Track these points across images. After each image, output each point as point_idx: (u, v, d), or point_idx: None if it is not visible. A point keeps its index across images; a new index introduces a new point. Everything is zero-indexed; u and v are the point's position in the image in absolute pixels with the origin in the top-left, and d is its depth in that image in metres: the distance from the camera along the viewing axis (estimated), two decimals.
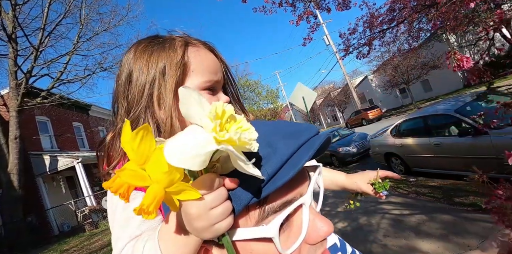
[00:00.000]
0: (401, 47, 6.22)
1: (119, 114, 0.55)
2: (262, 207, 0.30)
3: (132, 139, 0.25)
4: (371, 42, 4.41)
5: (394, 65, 18.51)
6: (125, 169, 0.25)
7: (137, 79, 0.52)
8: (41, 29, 8.48)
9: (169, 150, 0.24)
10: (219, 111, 0.25)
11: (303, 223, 0.32)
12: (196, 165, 0.23)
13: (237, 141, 0.24)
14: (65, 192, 11.92)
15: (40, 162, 10.49)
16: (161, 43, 0.54)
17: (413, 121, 5.15)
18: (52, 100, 8.92)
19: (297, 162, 0.29)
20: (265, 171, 0.28)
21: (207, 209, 0.27)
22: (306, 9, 3.10)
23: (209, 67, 0.55)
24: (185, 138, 0.25)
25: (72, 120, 13.79)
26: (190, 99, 0.27)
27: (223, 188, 0.28)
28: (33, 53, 8.56)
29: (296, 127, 0.36)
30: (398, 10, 4.15)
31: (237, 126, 0.26)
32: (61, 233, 9.95)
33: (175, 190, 0.26)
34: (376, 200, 4.12)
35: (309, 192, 0.34)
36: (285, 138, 0.32)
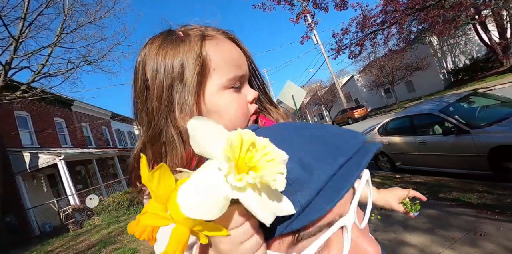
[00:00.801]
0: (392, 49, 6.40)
1: (143, 123, 0.50)
2: (296, 233, 0.27)
3: (149, 180, 0.23)
4: (363, 42, 4.52)
5: (380, 66, 19.06)
6: (146, 213, 0.24)
7: (153, 85, 0.47)
8: (22, 19, 8.01)
9: (182, 200, 0.21)
10: (235, 142, 0.22)
11: (344, 247, 0.28)
12: (212, 214, 0.21)
13: (259, 185, 0.22)
14: (46, 191, 11.46)
15: (20, 159, 10.03)
16: (176, 40, 0.48)
17: (400, 121, 5.35)
18: (32, 95, 8.50)
19: (337, 190, 0.25)
20: (297, 202, 0.25)
21: (237, 244, 0.26)
22: (304, 8, 3.13)
23: (233, 61, 0.49)
24: (198, 182, 0.23)
25: (54, 115, 13.23)
26: (200, 133, 0.24)
27: (251, 220, 0.26)
28: (13, 44, 8.09)
29: (338, 138, 0.30)
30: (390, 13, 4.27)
31: (262, 153, 0.23)
32: (43, 233, 9.59)
33: (200, 229, 0.24)
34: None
35: (352, 210, 0.29)
36: (323, 157, 0.28)
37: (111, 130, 18.96)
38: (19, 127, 10.95)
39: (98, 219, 9.29)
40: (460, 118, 4.01)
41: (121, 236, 5.99)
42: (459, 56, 20.12)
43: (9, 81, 8.34)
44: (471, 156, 3.75)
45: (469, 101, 4.56)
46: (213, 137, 0.24)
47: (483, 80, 15.07)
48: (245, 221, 0.25)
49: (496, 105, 4.29)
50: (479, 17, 12.54)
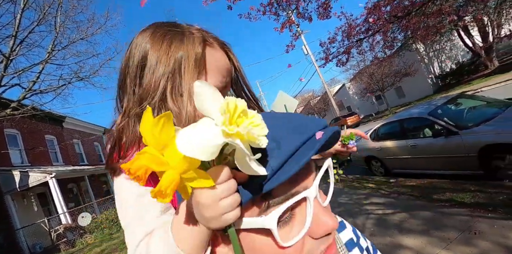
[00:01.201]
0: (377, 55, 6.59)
1: (130, 99, 0.52)
2: (266, 200, 0.31)
3: (154, 125, 0.26)
4: (349, 50, 4.65)
5: (370, 73, 19.55)
6: (145, 153, 0.26)
7: (153, 67, 0.50)
8: (13, 37, 8.06)
9: (181, 139, 0.25)
10: (231, 106, 0.26)
11: (307, 217, 0.32)
12: (205, 155, 0.24)
13: (246, 136, 0.25)
14: (37, 210, 11.10)
15: (9, 178, 9.77)
16: (180, 35, 0.52)
17: (391, 125, 5.42)
18: (23, 112, 8.41)
19: (301, 158, 0.29)
20: (269, 166, 0.29)
21: (217, 199, 0.28)
22: (289, 18, 3.24)
23: (221, 70, 0.54)
24: (196, 129, 0.27)
25: (45, 133, 13.04)
26: (205, 94, 0.29)
27: (233, 180, 0.29)
28: (3, 61, 8.10)
29: (304, 121, 0.36)
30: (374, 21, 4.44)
31: (249, 121, 0.27)
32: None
33: (190, 177, 0.27)
34: (360, 202, 4.23)
35: (315, 185, 0.33)
36: (290, 133, 0.32)
37: (104, 146, 18.69)
38: (9, 145, 10.73)
39: (90, 238, 8.99)
40: (448, 120, 4.08)
41: (115, 253, 5.79)
42: (446, 61, 20.79)
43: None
44: (461, 157, 3.80)
45: (457, 103, 4.67)
46: (213, 98, 0.29)
47: (470, 83, 15.51)
48: (228, 179, 0.28)
49: (482, 106, 4.40)
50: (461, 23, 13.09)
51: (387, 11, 4.10)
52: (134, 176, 0.26)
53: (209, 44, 0.54)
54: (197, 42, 0.51)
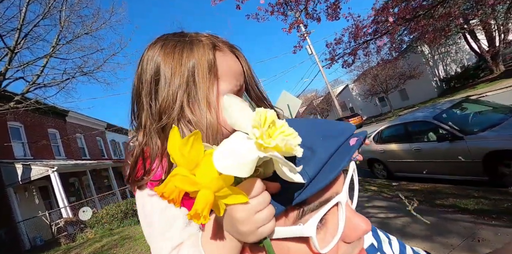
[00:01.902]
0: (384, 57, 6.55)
1: (148, 115, 0.52)
2: (301, 208, 0.31)
3: (183, 145, 0.26)
4: (355, 52, 4.61)
5: (374, 75, 19.44)
6: (176, 175, 0.26)
7: (168, 80, 0.50)
8: (17, 30, 8.07)
9: (218, 157, 0.25)
10: (262, 118, 0.26)
11: (340, 222, 0.32)
12: (244, 172, 0.24)
13: (284, 148, 0.25)
14: (38, 203, 11.17)
15: (11, 171, 9.84)
16: (190, 44, 0.52)
17: (395, 128, 5.39)
18: (26, 105, 8.44)
19: (337, 165, 0.29)
20: (306, 174, 0.29)
21: (253, 213, 0.28)
22: (297, 18, 3.21)
23: (234, 74, 0.55)
24: (232, 145, 0.26)
25: (48, 126, 13.10)
26: (233, 107, 0.29)
27: (266, 192, 0.29)
28: (8, 54, 8.11)
29: (335, 126, 0.36)
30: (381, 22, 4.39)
31: (280, 131, 0.27)
32: (33, 248, 9.29)
33: (223, 195, 0.27)
34: (362, 204, 4.22)
35: (345, 189, 0.33)
36: (324, 139, 0.32)
37: (106, 141, 18.77)
38: (12, 138, 10.78)
39: (91, 232, 9.04)
40: (453, 125, 4.05)
41: (115, 250, 5.83)
42: (451, 65, 20.65)
43: (2, 92, 8.30)
44: (466, 162, 3.77)
45: (462, 108, 4.64)
46: (242, 111, 0.29)
47: (474, 88, 15.41)
48: (261, 191, 0.28)
49: (488, 111, 4.36)
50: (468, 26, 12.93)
51: (394, 13, 4.06)
52: (168, 199, 0.26)
53: (219, 49, 0.54)
54: (207, 49, 0.51)
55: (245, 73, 0.59)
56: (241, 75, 0.57)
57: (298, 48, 3.88)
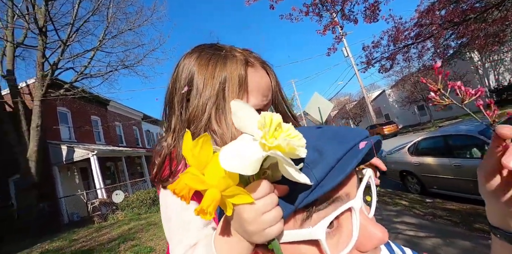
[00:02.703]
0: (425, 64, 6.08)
1: (178, 120, 0.56)
2: (309, 211, 0.31)
3: (193, 146, 0.28)
4: (394, 56, 4.33)
5: (414, 81, 18.18)
6: (187, 173, 0.28)
7: (200, 90, 0.53)
8: (70, 25, 8.93)
9: (223, 156, 0.26)
10: (267, 120, 0.27)
11: (354, 229, 0.31)
12: (247, 170, 0.25)
13: (286, 147, 0.26)
14: (78, 183, 12.22)
15: (58, 152, 10.84)
16: (224, 58, 0.55)
17: (433, 140, 5.00)
18: (74, 93, 9.30)
19: (345, 167, 0.29)
20: (313, 176, 0.29)
21: (260, 214, 0.29)
22: (333, 19, 3.10)
23: (263, 89, 0.57)
24: (237, 145, 0.28)
25: (91, 113, 14.25)
26: (242, 111, 0.30)
27: (274, 194, 0.29)
28: (61, 47, 9.01)
29: (345, 131, 0.36)
30: (425, 26, 4.07)
31: (286, 134, 0.28)
32: (71, 222, 10.17)
33: (230, 194, 0.28)
34: (390, 219, 3.98)
35: (359, 196, 0.33)
36: (333, 143, 0.32)
37: (141, 131, 19.93)
38: (60, 122, 11.91)
39: (121, 215, 9.67)
40: None
41: (140, 234, 6.17)
42: (504, 74, 18.58)
43: (54, 80, 9.21)
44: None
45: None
46: (250, 115, 0.30)
47: None
48: (269, 193, 0.29)
49: None
50: None
51: (441, 16, 3.71)
52: (179, 195, 0.28)
53: (251, 65, 0.56)
54: (239, 64, 0.54)
55: (273, 89, 0.61)
56: (269, 90, 0.59)
57: (332, 51, 3.73)
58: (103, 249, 5.42)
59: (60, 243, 6.88)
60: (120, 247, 5.37)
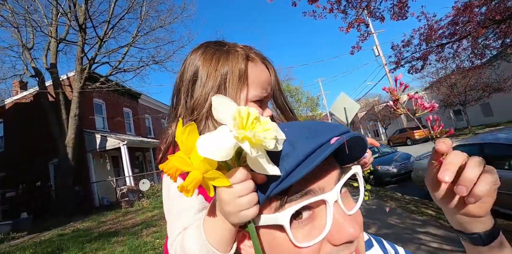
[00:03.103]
0: (461, 65, 5.60)
1: (183, 108, 0.61)
2: (281, 199, 0.33)
3: (181, 133, 0.31)
4: (426, 56, 4.06)
5: (450, 83, 16.85)
6: (175, 156, 0.31)
7: (202, 82, 0.59)
8: (107, 22, 9.56)
9: (199, 143, 0.29)
10: (243, 113, 0.30)
11: (327, 221, 0.33)
12: (218, 156, 0.29)
13: (253, 139, 0.28)
14: (109, 170, 13.04)
15: (92, 140, 11.66)
16: (226, 53, 0.60)
17: (468, 148, 4.60)
18: (108, 86, 9.96)
19: (313, 160, 0.31)
20: (283, 168, 0.32)
21: (236, 197, 0.32)
22: (358, 16, 2.99)
23: (262, 82, 0.61)
24: (212, 135, 0.31)
25: (124, 106, 15.12)
26: (221, 106, 0.33)
27: (251, 180, 0.33)
28: (98, 43, 9.69)
29: (322, 127, 0.37)
30: (461, 24, 3.75)
31: (262, 127, 0.31)
32: (101, 206, 10.94)
33: (210, 177, 0.31)
34: (414, 228, 3.80)
35: (335, 190, 0.34)
36: (306, 137, 0.34)
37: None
38: (95, 112, 12.82)
39: (146, 202, 10.21)
40: None
41: (162, 221, 6.48)
42: None
43: (91, 74, 9.91)
44: None
45: None
46: (228, 108, 0.32)
47: None
48: (245, 179, 0.32)
49: None
50: None
51: (481, 13, 3.39)
52: (168, 174, 0.32)
53: (251, 60, 0.61)
54: (240, 58, 0.59)
55: (272, 83, 0.65)
56: (268, 84, 0.63)
57: (356, 49, 3.59)
58: (127, 232, 5.79)
59: (90, 224, 7.46)
60: (143, 232, 5.70)
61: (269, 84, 0.63)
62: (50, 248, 5.08)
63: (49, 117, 10.17)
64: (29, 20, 9.85)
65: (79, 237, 5.73)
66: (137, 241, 4.92)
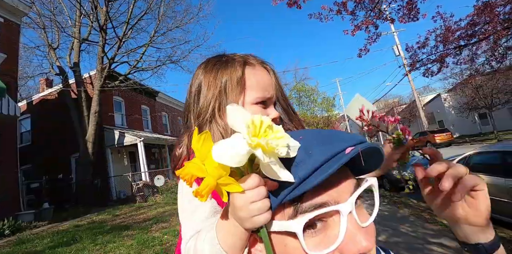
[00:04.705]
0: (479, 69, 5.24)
1: (192, 115, 0.66)
2: (296, 205, 0.34)
3: (196, 141, 0.33)
4: (443, 58, 3.84)
5: (476, 85, 15.94)
6: (191, 162, 0.33)
7: (204, 92, 0.64)
8: (126, 23, 9.92)
9: (214, 149, 0.31)
10: (256, 122, 0.31)
11: (340, 232, 0.33)
12: (232, 162, 0.30)
13: (266, 146, 0.30)
14: (126, 165, 13.53)
15: (111, 135, 12.14)
16: (225, 63, 0.65)
17: (488, 156, 4.34)
18: (127, 84, 10.33)
19: (328, 168, 0.31)
20: (297, 175, 0.32)
21: (248, 202, 0.33)
22: (366, 18, 2.88)
23: (263, 84, 0.65)
24: (228, 141, 0.32)
25: (141, 103, 15.60)
26: (235, 113, 0.35)
27: (263, 187, 0.33)
28: (117, 43, 10.08)
29: (338, 136, 0.37)
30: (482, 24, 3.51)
31: (275, 135, 0.32)
32: (118, 199, 11.35)
33: (224, 183, 0.33)
34: (426, 238, 3.65)
35: (350, 201, 0.34)
36: (322, 145, 0.35)
37: None
38: (115, 109, 13.34)
39: (160, 197, 10.50)
40: None
41: (172, 218, 6.65)
42: None
43: (111, 72, 10.31)
44: None
45: None
46: (242, 116, 0.34)
47: None
48: (258, 185, 0.33)
49: None
50: None
51: (504, 12, 3.14)
52: (184, 179, 0.33)
53: (249, 65, 0.65)
54: (237, 65, 0.64)
55: (275, 85, 0.68)
56: (270, 86, 0.66)
57: (364, 52, 3.46)
58: (138, 227, 5.99)
59: (105, 217, 7.78)
60: (152, 227, 5.88)
61: (271, 86, 0.67)
62: (66, 238, 5.36)
63: (72, 114, 10.71)
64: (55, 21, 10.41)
65: (93, 229, 5.99)
66: (146, 235, 5.09)
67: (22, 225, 6.82)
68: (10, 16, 8.78)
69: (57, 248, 4.67)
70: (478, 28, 3.56)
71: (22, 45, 10.54)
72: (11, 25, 8.77)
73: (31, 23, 10.49)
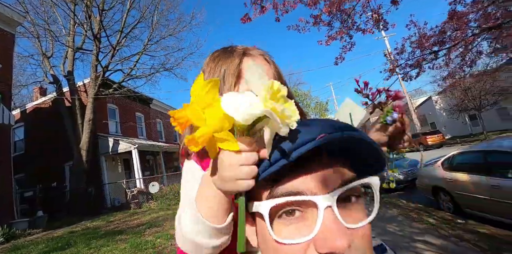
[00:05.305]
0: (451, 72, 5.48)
1: None
2: (272, 188, 0.33)
3: (203, 86, 0.30)
4: (419, 63, 4.03)
5: (464, 87, 16.30)
6: (190, 106, 0.30)
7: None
8: (120, 31, 10.08)
9: (227, 101, 0.29)
10: (275, 87, 0.29)
11: (316, 225, 0.31)
12: (241, 117, 0.29)
13: (280, 113, 0.29)
14: (120, 172, 13.43)
15: (105, 143, 12.11)
16: (227, 53, 0.68)
17: (471, 155, 4.49)
18: (121, 92, 10.43)
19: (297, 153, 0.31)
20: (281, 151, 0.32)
21: (238, 164, 0.32)
22: (340, 29, 3.06)
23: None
24: (242, 97, 0.30)
25: (136, 111, 15.61)
26: (255, 71, 0.32)
27: (256, 153, 0.33)
28: (111, 51, 10.23)
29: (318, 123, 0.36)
30: (451, 32, 3.72)
31: (288, 107, 0.30)
32: (112, 206, 11.26)
33: (221, 137, 0.30)
34: (411, 236, 3.77)
35: (329, 196, 0.32)
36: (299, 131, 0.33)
37: None
38: (109, 117, 13.34)
39: (154, 204, 10.46)
40: None
41: (165, 222, 6.69)
42: None
43: (105, 80, 10.41)
44: None
45: None
46: (263, 78, 0.31)
47: None
48: (252, 150, 0.33)
49: None
50: None
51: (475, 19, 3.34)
52: (176, 122, 0.30)
53: (248, 55, 0.67)
54: (236, 55, 0.66)
55: (273, 75, 0.69)
56: (269, 75, 0.67)
57: (340, 60, 3.65)
58: (131, 231, 6.04)
59: (99, 223, 7.77)
60: (146, 231, 5.93)
61: (271, 76, 0.67)
62: (60, 243, 5.39)
63: (65, 122, 10.72)
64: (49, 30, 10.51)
65: (87, 235, 6.03)
66: (139, 239, 5.16)
67: (16, 233, 6.83)
68: (4, 26, 8.88)
69: (52, 252, 4.76)
70: (447, 35, 3.78)
71: (16, 54, 10.63)
72: (6, 35, 8.86)
73: (25, 33, 10.61)
